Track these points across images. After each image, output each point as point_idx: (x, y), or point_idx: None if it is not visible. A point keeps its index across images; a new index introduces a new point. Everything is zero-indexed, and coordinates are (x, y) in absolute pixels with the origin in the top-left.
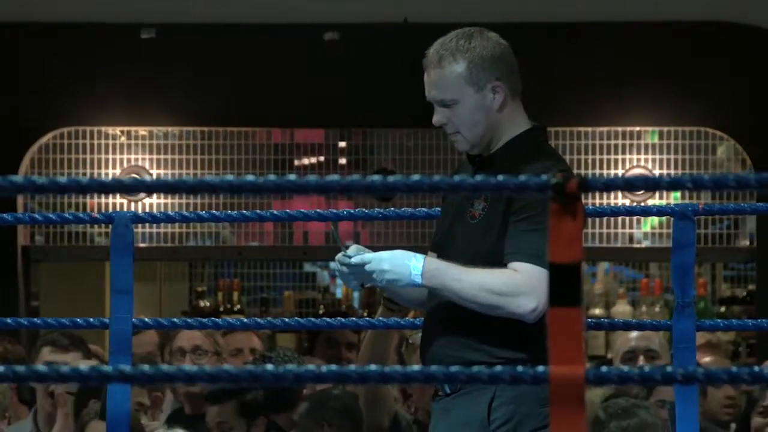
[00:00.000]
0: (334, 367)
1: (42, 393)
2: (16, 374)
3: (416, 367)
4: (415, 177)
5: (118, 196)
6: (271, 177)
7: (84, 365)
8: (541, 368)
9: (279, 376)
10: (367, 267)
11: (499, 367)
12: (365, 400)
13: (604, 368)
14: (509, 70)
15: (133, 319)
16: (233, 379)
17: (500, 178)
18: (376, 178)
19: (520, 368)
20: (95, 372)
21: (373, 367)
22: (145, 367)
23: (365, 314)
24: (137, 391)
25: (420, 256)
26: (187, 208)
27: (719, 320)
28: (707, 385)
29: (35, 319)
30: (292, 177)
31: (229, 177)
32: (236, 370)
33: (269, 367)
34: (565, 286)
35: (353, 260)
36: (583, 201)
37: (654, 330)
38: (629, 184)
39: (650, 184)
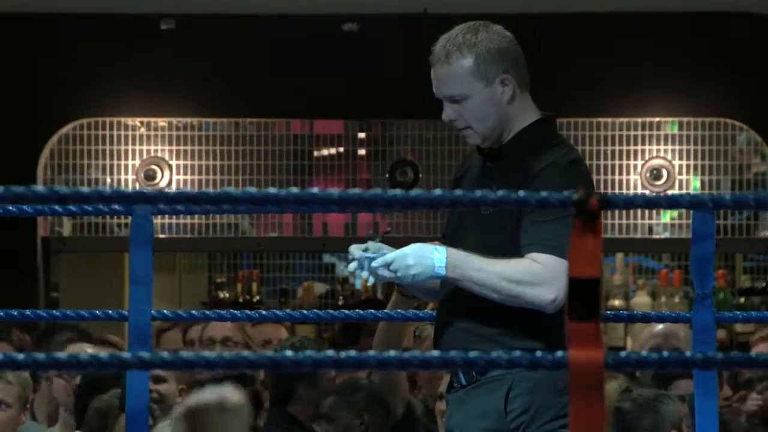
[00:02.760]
0: (353, 353)
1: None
2: (36, 361)
3: (435, 353)
4: (437, 192)
5: (137, 186)
6: (294, 189)
7: (103, 353)
8: (560, 353)
9: (298, 362)
10: (391, 266)
11: (517, 352)
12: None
13: (622, 353)
14: (516, 62)
15: (152, 312)
16: (252, 365)
17: (521, 193)
18: (398, 192)
19: (539, 353)
20: (114, 359)
21: (392, 353)
22: (164, 354)
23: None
24: None
25: (441, 248)
26: None
27: (738, 312)
28: (725, 369)
29: (54, 311)
30: (315, 190)
31: (251, 189)
32: (255, 356)
33: (288, 352)
34: (585, 300)
35: (375, 263)
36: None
37: (673, 322)
38: (650, 203)
39: (672, 203)
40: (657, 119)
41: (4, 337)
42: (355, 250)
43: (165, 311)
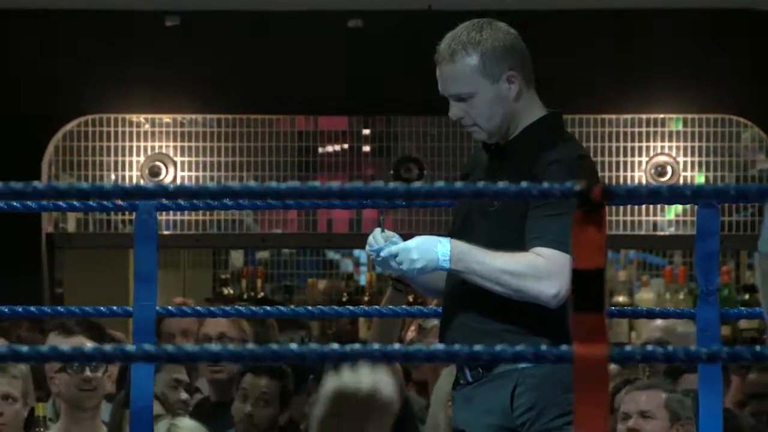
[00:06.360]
0: (357, 345)
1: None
2: (40, 354)
3: (440, 346)
4: (438, 184)
5: (141, 182)
6: (295, 183)
7: (108, 346)
8: (564, 347)
9: (301, 355)
10: (396, 259)
11: (521, 346)
12: None
13: (628, 347)
14: (522, 58)
15: (157, 308)
16: (256, 357)
17: (524, 184)
18: (399, 184)
19: (543, 347)
20: (118, 351)
21: (396, 346)
22: (168, 347)
23: None
24: (175, 367)
25: (445, 240)
26: None
27: (743, 308)
28: (730, 363)
29: (59, 307)
30: (316, 183)
31: (252, 183)
32: (259, 349)
33: (293, 345)
34: (589, 292)
35: (382, 254)
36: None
37: (678, 318)
38: (653, 194)
39: (675, 194)
40: (662, 116)
41: (11, 332)
42: (377, 236)
43: (170, 307)
